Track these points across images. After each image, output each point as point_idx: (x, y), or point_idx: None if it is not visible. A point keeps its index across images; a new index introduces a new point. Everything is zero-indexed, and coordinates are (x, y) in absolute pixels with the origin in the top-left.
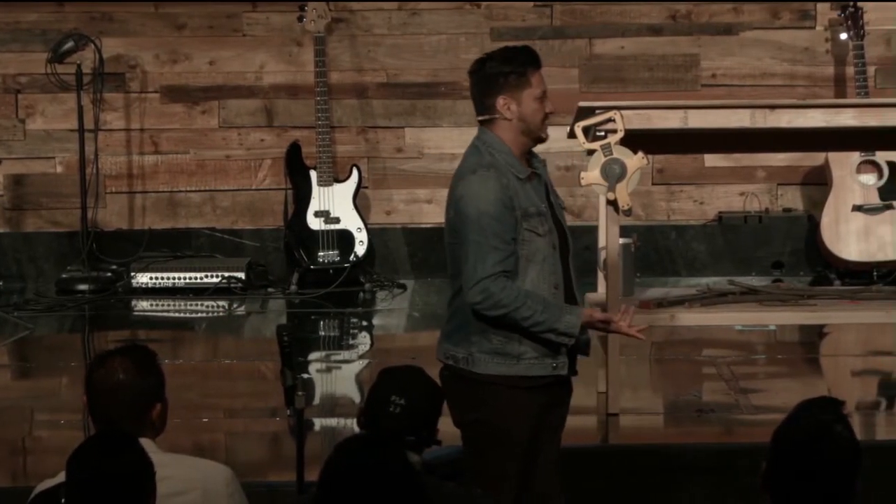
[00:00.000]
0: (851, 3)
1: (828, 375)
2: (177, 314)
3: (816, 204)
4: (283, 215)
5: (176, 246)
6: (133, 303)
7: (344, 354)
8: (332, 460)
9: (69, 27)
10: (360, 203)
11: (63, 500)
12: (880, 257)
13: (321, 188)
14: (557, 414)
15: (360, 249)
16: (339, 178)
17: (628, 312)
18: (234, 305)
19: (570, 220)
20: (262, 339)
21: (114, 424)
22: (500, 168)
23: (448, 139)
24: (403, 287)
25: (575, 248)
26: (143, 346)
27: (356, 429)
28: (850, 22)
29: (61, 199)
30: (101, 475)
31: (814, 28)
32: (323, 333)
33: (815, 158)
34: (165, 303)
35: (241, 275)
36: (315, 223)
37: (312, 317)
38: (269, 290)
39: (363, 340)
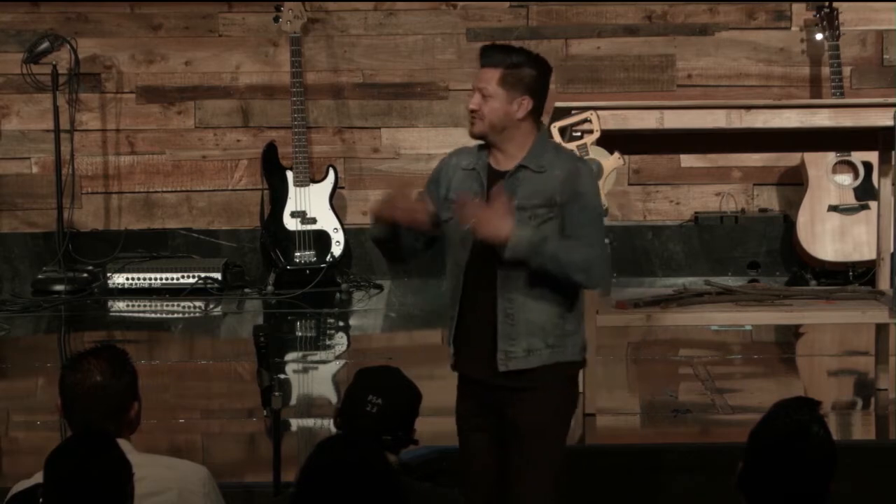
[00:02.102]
0: (827, 4)
1: (804, 375)
2: (153, 315)
3: (792, 204)
4: (260, 216)
5: (152, 246)
6: (109, 303)
7: (320, 355)
8: (310, 460)
9: (44, 27)
10: (337, 203)
11: (40, 501)
12: (856, 257)
13: (297, 188)
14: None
15: (337, 250)
16: (316, 179)
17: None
18: (211, 306)
19: None
20: (239, 340)
21: (92, 426)
22: (463, 153)
23: (424, 139)
24: (380, 287)
25: None
26: (113, 345)
27: (333, 429)
28: (825, 22)
29: (37, 200)
30: (80, 476)
31: (789, 28)
32: (299, 334)
33: (790, 159)
34: (142, 303)
35: (218, 275)
36: (291, 223)
37: (289, 317)
38: (246, 290)
39: (340, 341)
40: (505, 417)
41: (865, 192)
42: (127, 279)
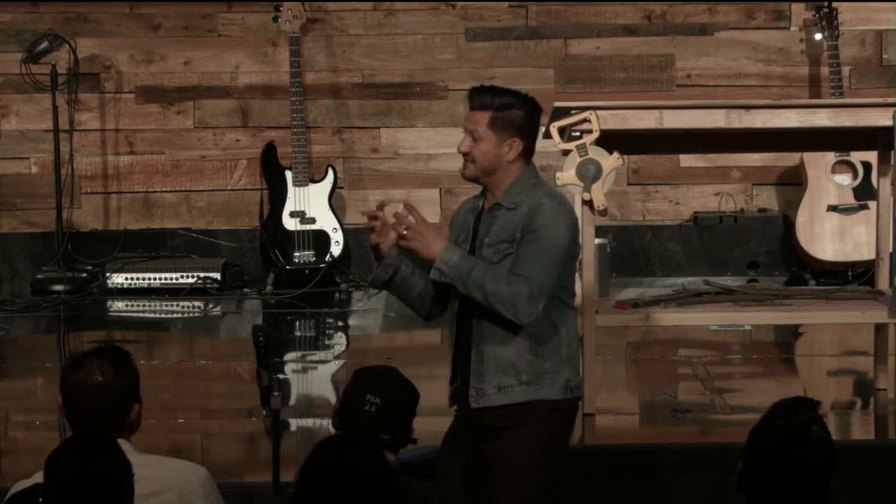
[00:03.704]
0: (826, 4)
1: (803, 375)
2: (152, 315)
3: (791, 204)
4: (259, 216)
5: (151, 246)
6: (108, 303)
7: (320, 355)
8: (309, 460)
9: (44, 27)
10: (336, 203)
11: (40, 501)
12: (855, 257)
13: (297, 188)
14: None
15: (336, 250)
16: (315, 179)
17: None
18: (210, 306)
19: None
20: (238, 340)
21: (92, 426)
22: (479, 195)
23: (424, 139)
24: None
25: None
26: (116, 346)
27: (332, 429)
28: (824, 22)
29: (36, 200)
30: (81, 476)
31: (788, 28)
32: (299, 334)
33: (790, 158)
34: (141, 303)
35: (217, 275)
36: (291, 223)
37: (288, 317)
38: (245, 290)
39: (339, 341)
40: (481, 455)
41: (864, 192)
42: (126, 279)
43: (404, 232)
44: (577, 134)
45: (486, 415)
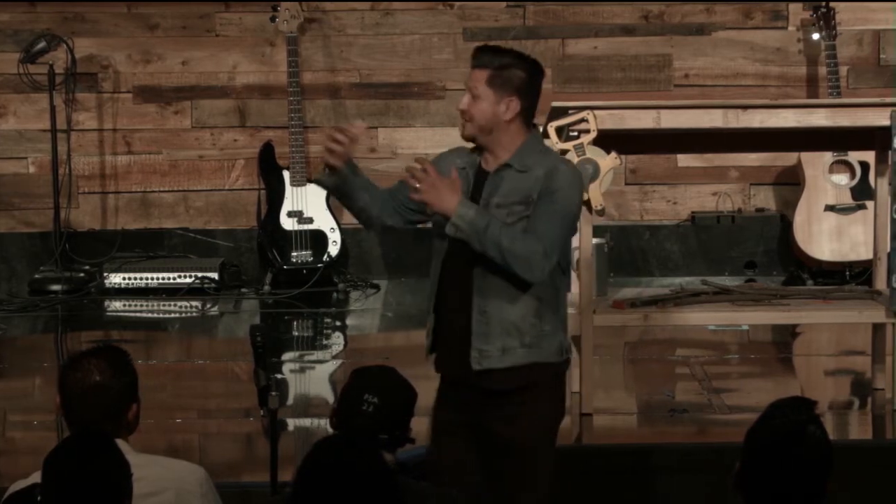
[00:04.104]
0: (823, 4)
1: (801, 375)
2: (150, 314)
3: (789, 204)
4: (257, 215)
5: (149, 246)
6: (106, 303)
7: (317, 355)
8: (307, 460)
9: (41, 27)
10: (334, 203)
11: (38, 501)
12: (853, 257)
13: (294, 188)
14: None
15: (334, 250)
16: (313, 179)
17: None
18: (208, 306)
19: None
20: (236, 340)
21: (90, 426)
22: (462, 153)
23: (422, 139)
24: (377, 287)
25: None
26: (115, 346)
27: (329, 429)
28: (822, 22)
29: (34, 200)
30: (79, 476)
31: (786, 28)
32: (296, 334)
33: (787, 158)
34: (138, 303)
35: (215, 275)
36: (288, 223)
37: (286, 317)
38: (243, 290)
39: (336, 341)
40: (483, 423)
41: (862, 192)
42: (124, 279)
43: (417, 185)
44: (575, 134)
45: (487, 377)
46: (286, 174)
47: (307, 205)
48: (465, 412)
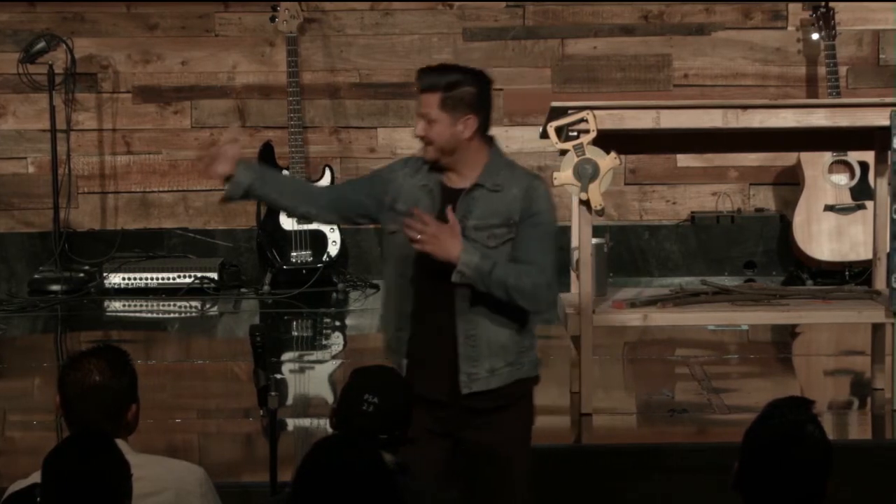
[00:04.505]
0: (823, 4)
1: (800, 375)
2: (150, 315)
3: (788, 204)
4: (256, 215)
5: (148, 246)
6: (106, 303)
7: (317, 355)
8: (306, 460)
9: (41, 27)
10: None
11: (38, 501)
12: (852, 257)
13: None
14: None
15: (333, 250)
16: (312, 179)
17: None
18: (207, 306)
19: None
20: (235, 340)
21: (90, 426)
22: (416, 165)
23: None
24: (376, 287)
25: None
26: (115, 346)
27: (329, 429)
28: (821, 22)
29: (33, 200)
30: (79, 476)
31: (785, 28)
32: (296, 334)
33: (787, 158)
34: (138, 303)
35: (214, 275)
36: (288, 223)
37: (285, 317)
38: (242, 290)
39: (336, 340)
40: (462, 439)
41: (862, 192)
42: (123, 279)
43: (418, 237)
44: (575, 134)
45: (473, 398)
46: (286, 174)
47: None
48: (441, 424)
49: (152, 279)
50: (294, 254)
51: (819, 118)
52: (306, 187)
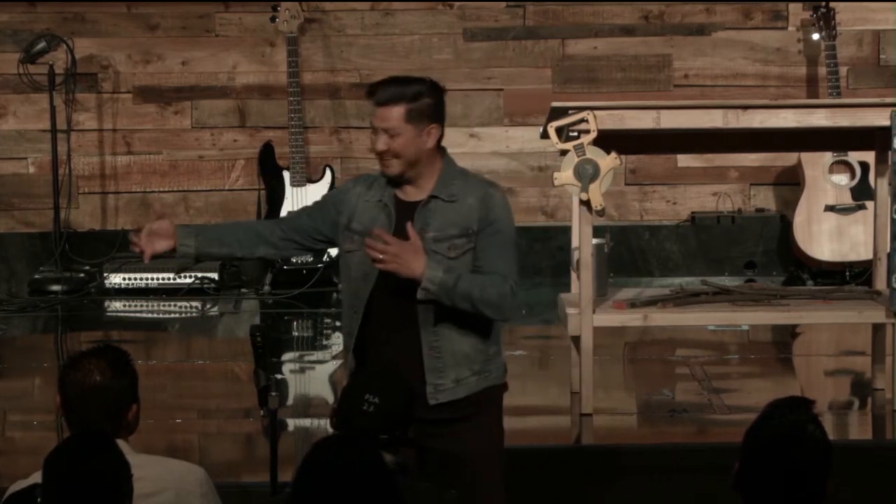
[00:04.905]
0: (823, 4)
1: (800, 375)
2: (150, 315)
3: (789, 204)
4: (257, 216)
5: None
6: (106, 303)
7: (317, 355)
8: (307, 460)
9: (41, 27)
10: None
11: (38, 501)
12: (853, 257)
13: (294, 188)
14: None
15: (333, 250)
16: (313, 179)
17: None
18: (208, 306)
19: (542, 221)
20: (236, 340)
21: (90, 426)
22: (367, 182)
23: None
24: None
25: (548, 248)
26: (115, 346)
27: (330, 429)
28: (822, 22)
29: (34, 200)
30: (79, 476)
31: (786, 28)
32: (296, 334)
33: (787, 158)
34: (138, 303)
35: (215, 275)
36: None
37: (286, 317)
38: (243, 290)
39: (336, 341)
40: (428, 449)
41: (862, 192)
42: (124, 279)
43: (381, 257)
44: (575, 134)
45: (440, 409)
46: (286, 174)
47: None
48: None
49: (153, 279)
50: None
51: (819, 118)
52: (255, 229)
